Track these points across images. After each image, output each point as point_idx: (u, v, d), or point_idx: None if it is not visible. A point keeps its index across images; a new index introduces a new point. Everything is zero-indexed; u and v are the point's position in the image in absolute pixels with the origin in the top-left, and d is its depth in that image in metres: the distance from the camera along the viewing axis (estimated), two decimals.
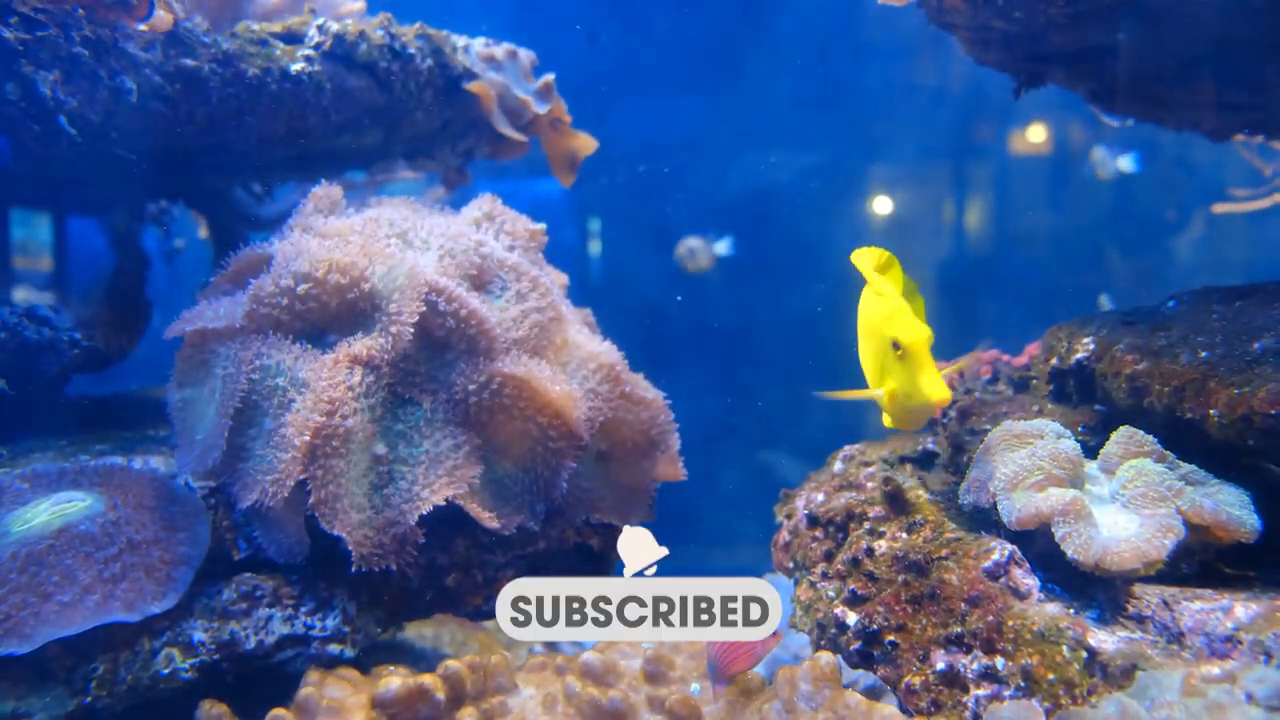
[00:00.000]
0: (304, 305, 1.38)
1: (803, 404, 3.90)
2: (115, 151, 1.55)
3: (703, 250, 3.56)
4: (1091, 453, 1.22)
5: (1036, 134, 3.75)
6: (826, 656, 1.18)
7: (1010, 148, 3.81)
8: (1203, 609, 1.02)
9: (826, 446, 1.69)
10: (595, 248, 4.01)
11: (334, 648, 1.35)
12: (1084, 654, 1.02)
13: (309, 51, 1.64)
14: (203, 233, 2.45)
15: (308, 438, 1.27)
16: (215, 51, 1.55)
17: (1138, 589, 1.07)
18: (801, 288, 3.93)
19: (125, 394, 1.94)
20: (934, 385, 1.16)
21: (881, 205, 3.92)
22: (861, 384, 1.30)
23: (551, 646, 2.49)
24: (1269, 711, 0.87)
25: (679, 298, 3.75)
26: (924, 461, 1.56)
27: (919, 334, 1.17)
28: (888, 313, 1.21)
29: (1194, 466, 1.16)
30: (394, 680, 1.18)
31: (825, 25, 3.81)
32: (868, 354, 1.28)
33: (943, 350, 1.94)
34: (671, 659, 1.28)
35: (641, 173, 3.82)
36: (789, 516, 1.49)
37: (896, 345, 1.17)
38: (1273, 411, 1.03)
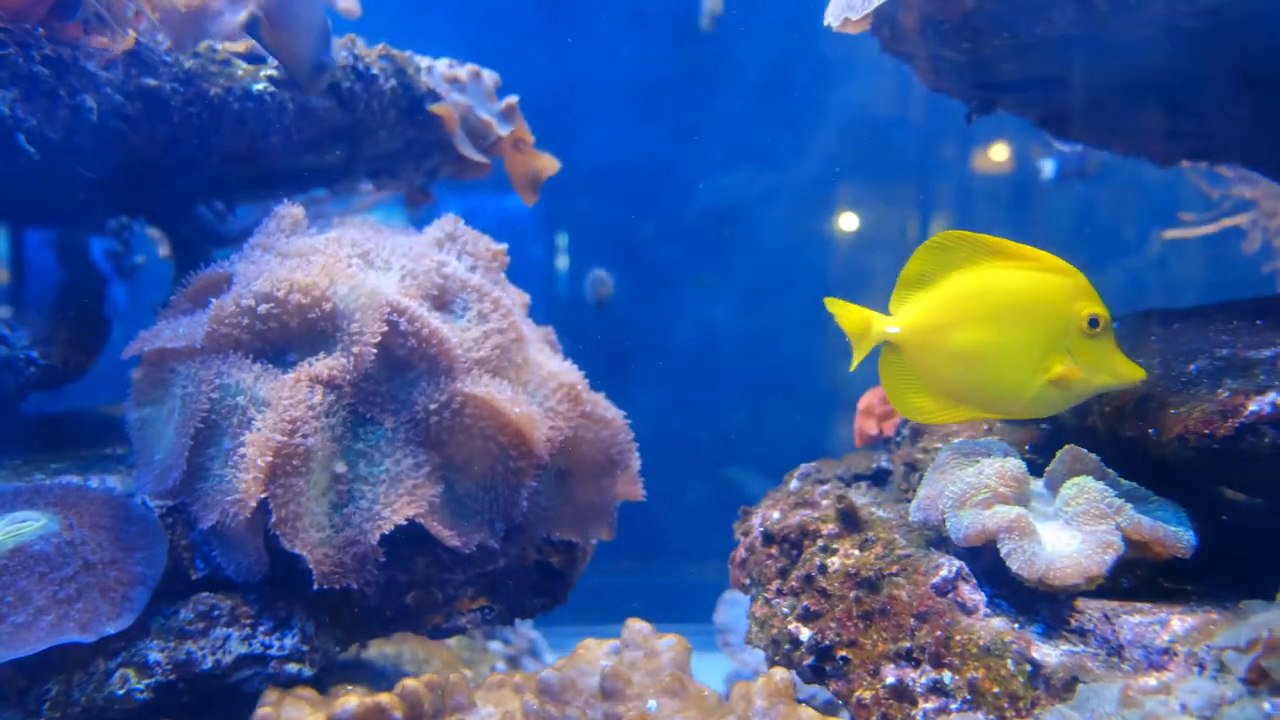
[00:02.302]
0: (265, 325, 1.38)
1: (768, 421, 3.95)
2: (75, 169, 1.55)
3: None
4: (1038, 471, 1.26)
5: (999, 153, 3.82)
6: (781, 672, 1.20)
7: (973, 166, 3.88)
8: (1141, 622, 1.05)
9: (793, 463, 1.71)
10: (562, 263, 4.04)
11: (292, 667, 1.35)
12: (1028, 667, 1.05)
13: (272, 71, 1.65)
14: (164, 251, 2.44)
15: (269, 458, 1.28)
16: (177, 70, 1.56)
17: (1080, 603, 1.10)
18: (766, 305, 3.98)
19: (82, 412, 1.93)
20: (1135, 365, 1.10)
21: (846, 222, 3.98)
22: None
23: (514, 664, 2.49)
24: None
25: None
26: (878, 479, 1.59)
27: (1106, 309, 1.09)
28: (1071, 284, 1.11)
29: (1135, 484, 1.20)
30: (351, 699, 1.18)
31: (789, 46, 3.87)
32: (1014, 335, 1.16)
33: None
34: (629, 675, 1.29)
35: (607, 190, 3.85)
36: (746, 534, 1.51)
37: (1095, 322, 1.10)
38: (1206, 431, 1.07)
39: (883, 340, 1.26)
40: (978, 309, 1.19)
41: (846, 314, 1.28)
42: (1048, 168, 3.41)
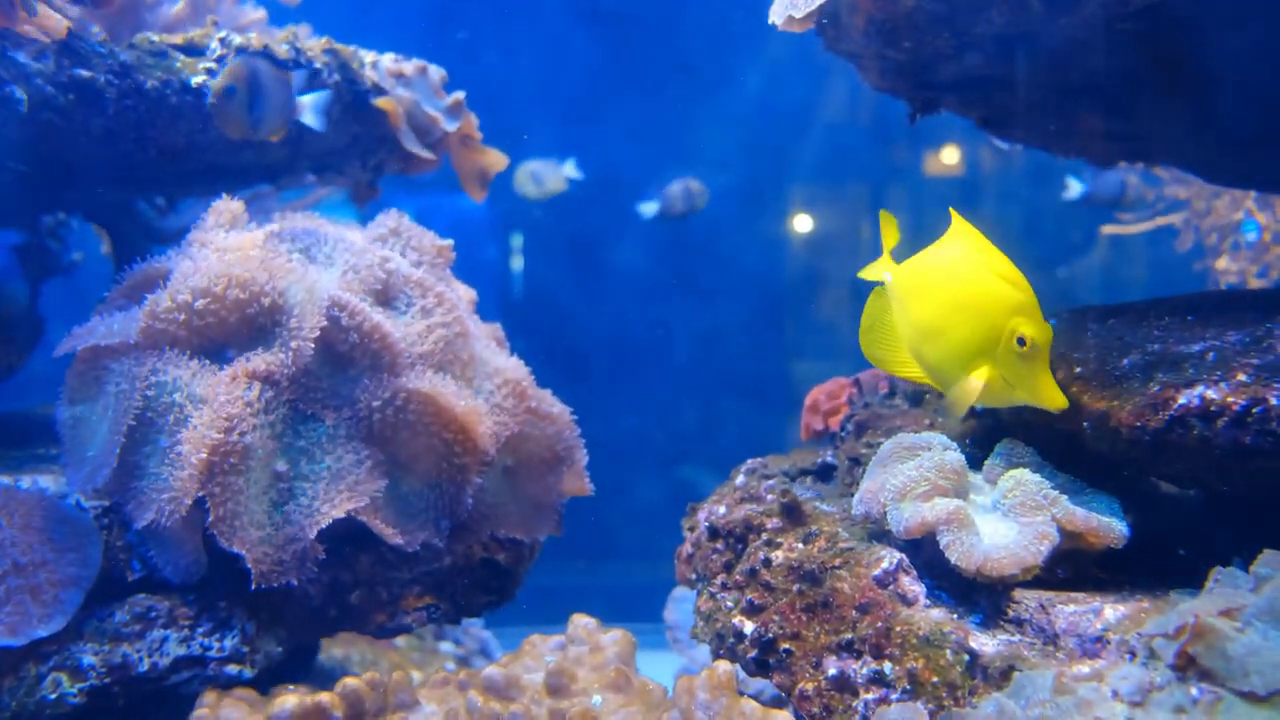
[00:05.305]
0: (202, 321, 1.36)
1: (721, 420, 3.96)
2: (4, 162, 1.51)
3: (550, 173, 3.22)
4: (977, 464, 1.28)
5: (950, 156, 3.86)
6: (724, 665, 1.20)
7: (925, 169, 3.93)
8: (1075, 611, 1.07)
9: (744, 461, 1.71)
10: (515, 263, 4.02)
11: (232, 668, 1.33)
12: (966, 657, 1.06)
13: (210, 64, 1.62)
14: (105, 248, 2.38)
15: (205, 455, 1.25)
16: (112, 62, 1.53)
17: (1018, 593, 1.12)
18: (718, 304, 4.00)
19: (14, 412, 1.88)
20: (1057, 392, 1.12)
21: (800, 224, 4.00)
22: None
23: (465, 664, 2.47)
24: (1131, 707, 0.92)
25: None
26: (823, 474, 1.61)
27: (1048, 332, 1.11)
28: (1015, 299, 1.13)
29: (1070, 477, 1.22)
30: (290, 699, 1.17)
31: (740, 46, 3.89)
32: (956, 324, 1.17)
33: (853, 364, 1.99)
34: (574, 671, 1.29)
35: (560, 190, 3.84)
36: (692, 529, 1.51)
37: (1022, 341, 1.11)
38: (1137, 424, 1.09)
39: (879, 280, 1.32)
40: (936, 289, 1.22)
41: (887, 234, 1.34)
42: (1074, 188, 3.17)
